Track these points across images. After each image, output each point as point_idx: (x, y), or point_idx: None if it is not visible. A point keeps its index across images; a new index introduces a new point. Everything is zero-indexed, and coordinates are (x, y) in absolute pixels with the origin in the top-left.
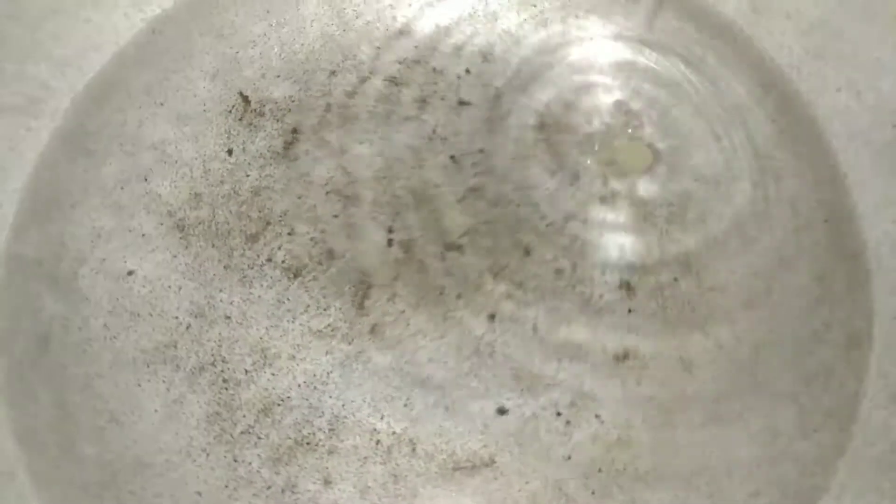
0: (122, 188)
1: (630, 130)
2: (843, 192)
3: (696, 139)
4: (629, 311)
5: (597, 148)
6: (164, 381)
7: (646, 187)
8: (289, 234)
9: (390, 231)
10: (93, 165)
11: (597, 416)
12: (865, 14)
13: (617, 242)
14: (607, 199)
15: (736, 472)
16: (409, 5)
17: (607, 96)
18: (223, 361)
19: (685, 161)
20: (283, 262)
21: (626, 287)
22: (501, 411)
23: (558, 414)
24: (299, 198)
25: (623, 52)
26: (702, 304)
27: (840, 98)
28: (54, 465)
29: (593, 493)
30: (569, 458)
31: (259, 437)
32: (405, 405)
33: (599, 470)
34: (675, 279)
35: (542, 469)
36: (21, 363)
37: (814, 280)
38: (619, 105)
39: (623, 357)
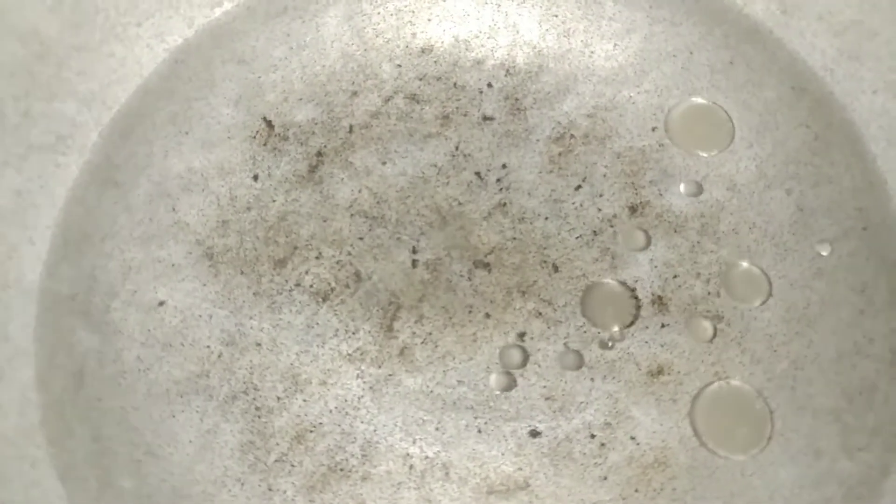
0: (150, 219)
1: (659, 143)
2: (883, 198)
3: (726, 147)
4: (662, 326)
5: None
6: (197, 411)
7: (676, 198)
8: (316, 258)
9: (414, 251)
10: (121, 197)
11: (632, 438)
12: None
13: (648, 256)
14: (637, 211)
15: (777, 494)
16: (429, 20)
17: (632, 106)
18: (255, 389)
19: (717, 170)
20: (311, 286)
21: (659, 302)
22: (534, 434)
23: (592, 436)
24: (325, 221)
25: (649, 60)
26: (737, 319)
27: (877, 100)
28: (94, 499)
29: None
30: (605, 479)
31: (293, 465)
32: (437, 428)
33: (636, 490)
34: (709, 293)
35: (578, 491)
36: (59, 400)
37: (854, 291)
38: (645, 114)
39: (657, 373)
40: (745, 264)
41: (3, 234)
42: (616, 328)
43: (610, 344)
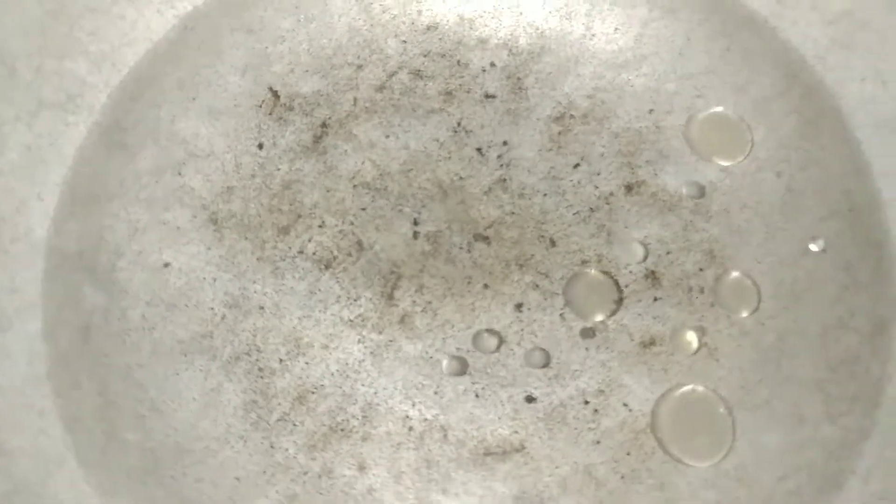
0: (156, 182)
1: (656, 125)
2: (868, 181)
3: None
4: (655, 299)
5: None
6: (201, 370)
7: (670, 178)
8: (319, 226)
9: (416, 223)
10: (128, 159)
11: (625, 405)
12: (892, 4)
13: (642, 232)
14: (633, 190)
15: (763, 458)
16: None
17: (630, 88)
18: (258, 351)
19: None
20: (313, 253)
21: (652, 276)
22: (530, 399)
23: (586, 402)
24: (328, 191)
25: (647, 44)
26: (727, 293)
27: (865, 88)
28: (100, 451)
29: (622, 477)
30: (598, 442)
31: (295, 424)
32: (436, 392)
33: (628, 454)
34: (701, 269)
35: (572, 454)
36: (66, 353)
37: (839, 269)
38: (643, 97)
39: (650, 344)
40: (736, 274)
41: (12, 187)
42: (600, 317)
43: (594, 333)
